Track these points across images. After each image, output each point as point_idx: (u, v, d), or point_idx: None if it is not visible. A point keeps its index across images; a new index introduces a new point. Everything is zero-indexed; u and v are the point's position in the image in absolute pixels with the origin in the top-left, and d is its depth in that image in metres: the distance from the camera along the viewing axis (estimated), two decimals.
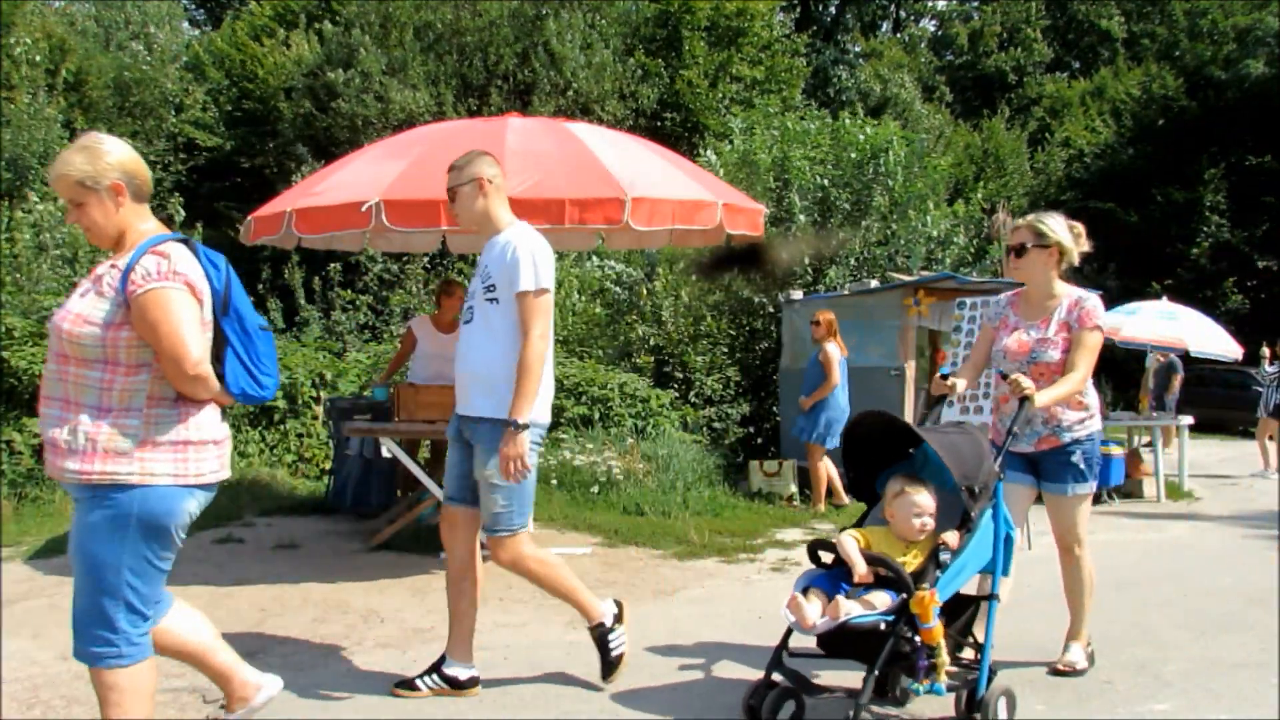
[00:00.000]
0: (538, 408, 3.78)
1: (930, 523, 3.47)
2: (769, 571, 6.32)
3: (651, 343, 11.42)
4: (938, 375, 4.04)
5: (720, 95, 19.23)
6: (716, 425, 10.93)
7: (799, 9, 31.86)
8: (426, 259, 14.65)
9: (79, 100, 16.07)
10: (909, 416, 9.15)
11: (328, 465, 8.73)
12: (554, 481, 8.58)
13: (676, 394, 10.89)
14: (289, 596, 5.44)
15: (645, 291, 11.89)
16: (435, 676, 3.93)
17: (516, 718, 3.77)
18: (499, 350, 3.78)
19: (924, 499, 3.47)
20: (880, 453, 3.74)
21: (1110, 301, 17.39)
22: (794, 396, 9.15)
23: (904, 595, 3.27)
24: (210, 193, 17.60)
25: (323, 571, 5.97)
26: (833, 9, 35.79)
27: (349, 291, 12.93)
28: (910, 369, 9.24)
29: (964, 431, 3.73)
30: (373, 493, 7.44)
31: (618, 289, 12.67)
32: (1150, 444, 10.83)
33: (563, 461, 8.85)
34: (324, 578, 5.81)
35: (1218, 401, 17.93)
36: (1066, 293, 4.15)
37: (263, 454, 9.02)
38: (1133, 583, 6.16)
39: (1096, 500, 9.50)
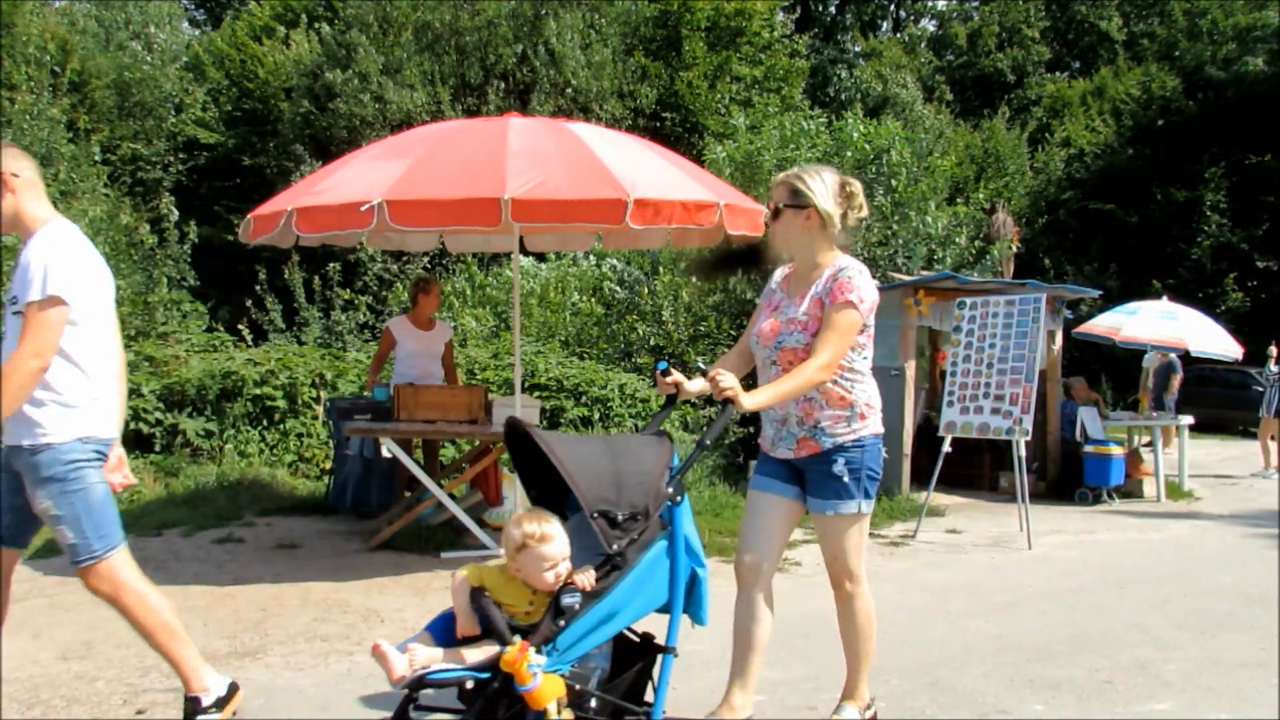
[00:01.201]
0: (94, 421, 3.34)
1: (566, 570, 2.79)
2: None
3: (652, 343, 11.42)
4: (658, 371, 3.24)
5: (719, 95, 19.24)
6: None
7: (799, 9, 31.87)
8: (425, 258, 14.67)
9: (80, 100, 16.08)
10: (909, 417, 9.17)
11: (328, 465, 8.73)
12: None
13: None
14: (289, 596, 5.44)
15: (646, 291, 11.89)
16: None
17: None
18: None
19: (553, 548, 2.75)
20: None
21: (1111, 301, 17.38)
22: None
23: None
24: (210, 192, 17.61)
25: (323, 571, 5.98)
26: (832, 9, 35.81)
27: (348, 291, 12.93)
28: (910, 369, 9.24)
29: (633, 441, 3.02)
30: (373, 493, 7.44)
31: (618, 288, 12.68)
32: (1150, 444, 10.84)
33: None
34: (324, 578, 5.81)
35: (1218, 401, 17.94)
36: (831, 263, 3.37)
37: (263, 454, 9.02)
38: (1133, 583, 6.16)
39: (1096, 500, 9.60)
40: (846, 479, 3.31)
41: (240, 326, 11.35)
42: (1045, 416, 10.01)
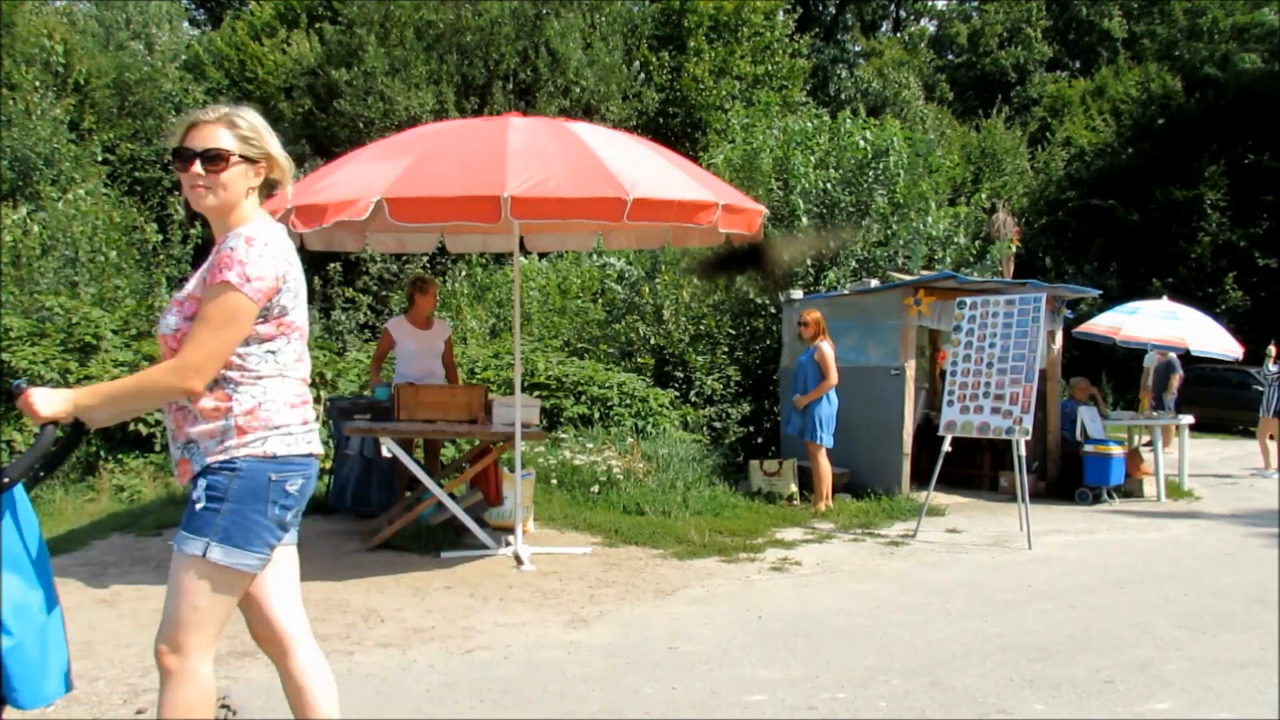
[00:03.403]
0: None
1: None
2: (769, 571, 6.32)
3: (652, 342, 11.43)
4: (12, 390, 2.62)
5: (722, 92, 19.27)
6: (716, 425, 10.93)
7: (799, 9, 31.90)
8: (425, 258, 14.67)
9: (81, 100, 16.09)
10: (909, 417, 9.15)
11: (328, 465, 8.72)
12: (554, 481, 8.58)
13: (677, 393, 10.89)
14: None
15: (647, 290, 11.89)
16: None
17: (516, 717, 3.77)
18: None
19: None
20: None
21: (1111, 300, 17.38)
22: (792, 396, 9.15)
23: None
24: None
25: (323, 571, 5.97)
26: (832, 8, 35.81)
27: (349, 290, 12.94)
28: (910, 369, 9.23)
29: None
30: (373, 493, 7.44)
31: (619, 288, 12.68)
32: (1150, 443, 10.84)
33: (563, 461, 8.84)
34: (324, 577, 5.80)
35: (1218, 401, 17.93)
36: (237, 231, 2.61)
37: None
38: (1133, 582, 6.17)
39: (1096, 500, 9.60)
40: (200, 506, 2.52)
41: None
42: (1045, 416, 10.00)
